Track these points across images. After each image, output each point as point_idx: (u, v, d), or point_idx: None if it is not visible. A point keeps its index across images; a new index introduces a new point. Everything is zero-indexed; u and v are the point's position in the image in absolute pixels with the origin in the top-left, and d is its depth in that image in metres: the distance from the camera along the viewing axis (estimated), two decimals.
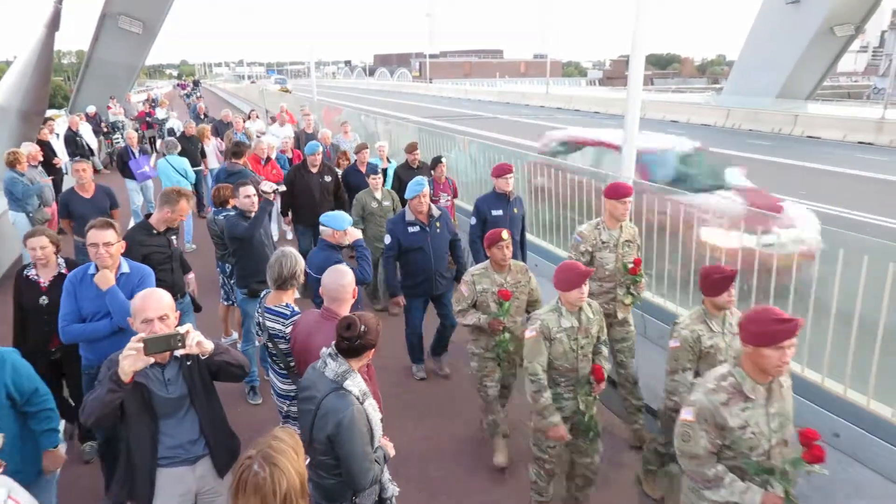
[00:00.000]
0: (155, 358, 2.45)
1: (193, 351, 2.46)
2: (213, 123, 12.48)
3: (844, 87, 53.58)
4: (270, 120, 15.51)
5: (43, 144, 10.19)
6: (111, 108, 17.72)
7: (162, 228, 4.46)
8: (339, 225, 4.16)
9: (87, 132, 13.95)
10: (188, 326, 2.47)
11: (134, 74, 23.10)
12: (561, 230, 6.60)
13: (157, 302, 2.59)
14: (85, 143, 13.29)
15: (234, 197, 5.40)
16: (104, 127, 16.10)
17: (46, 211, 7.43)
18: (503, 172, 5.36)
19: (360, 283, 3.62)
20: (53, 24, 13.39)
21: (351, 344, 2.52)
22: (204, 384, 2.69)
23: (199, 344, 2.46)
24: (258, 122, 13.93)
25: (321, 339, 2.84)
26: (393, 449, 2.74)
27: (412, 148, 7.45)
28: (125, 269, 3.53)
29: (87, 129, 14.17)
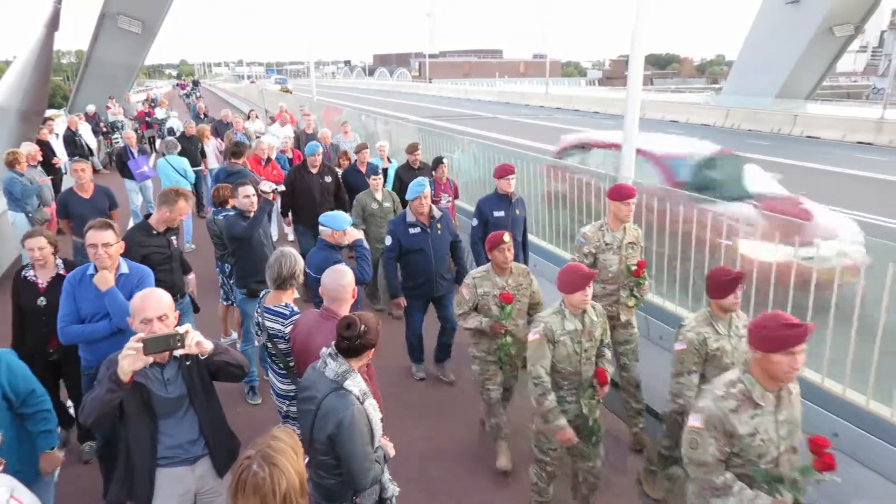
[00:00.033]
0: (154, 358, 2.45)
1: (193, 351, 2.46)
2: (212, 123, 12.47)
3: (844, 87, 53.54)
4: (270, 120, 15.50)
5: (42, 144, 10.18)
6: (110, 107, 17.69)
7: (161, 229, 4.44)
8: (338, 225, 4.15)
9: (86, 132, 13.93)
10: (187, 326, 2.47)
11: (133, 74, 23.07)
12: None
13: (156, 302, 2.59)
14: (84, 142, 13.27)
15: (233, 197, 5.39)
16: (103, 127, 16.08)
17: (46, 211, 7.42)
18: (505, 173, 5.32)
19: (359, 282, 3.61)
20: (53, 23, 13.40)
21: (351, 344, 2.51)
22: (203, 384, 2.69)
23: (198, 344, 2.46)
24: (257, 122, 13.91)
25: (321, 339, 2.84)
26: (393, 449, 2.74)
27: (413, 148, 7.43)
28: (124, 269, 3.51)
29: (86, 128, 14.16)
